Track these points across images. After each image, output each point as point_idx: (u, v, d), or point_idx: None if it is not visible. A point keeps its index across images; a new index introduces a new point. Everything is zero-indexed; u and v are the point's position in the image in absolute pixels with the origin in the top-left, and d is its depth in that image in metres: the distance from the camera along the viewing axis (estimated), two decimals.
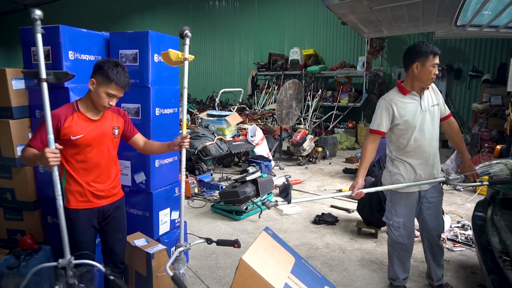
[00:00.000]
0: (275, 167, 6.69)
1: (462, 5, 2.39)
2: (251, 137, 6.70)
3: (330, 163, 7.26)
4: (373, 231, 3.84)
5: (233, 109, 8.76)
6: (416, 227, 2.71)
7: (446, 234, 3.71)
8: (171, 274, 1.78)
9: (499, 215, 2.78)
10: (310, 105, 9.60)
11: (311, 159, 7.23)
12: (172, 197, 2.95)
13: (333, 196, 3.52)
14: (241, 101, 9.73)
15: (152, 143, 2.32)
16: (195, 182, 5.26)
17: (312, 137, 7.18)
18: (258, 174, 4.72)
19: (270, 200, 4.68)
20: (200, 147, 5.85)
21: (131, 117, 2.56)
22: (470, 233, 3.72)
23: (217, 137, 6.14)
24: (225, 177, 5.88)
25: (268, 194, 4.72)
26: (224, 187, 5.11)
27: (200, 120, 7.34)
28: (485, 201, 3.08)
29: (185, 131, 2.16)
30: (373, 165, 5.28)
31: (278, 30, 11.77)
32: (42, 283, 2.47)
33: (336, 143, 8.07)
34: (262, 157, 6.19)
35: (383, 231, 3.82)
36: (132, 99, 2.64)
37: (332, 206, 4.74)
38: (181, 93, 2.63)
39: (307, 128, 8.70)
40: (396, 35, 8.71)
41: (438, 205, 2.63)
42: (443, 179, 2.54)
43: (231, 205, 4.39)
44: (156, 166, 2.76)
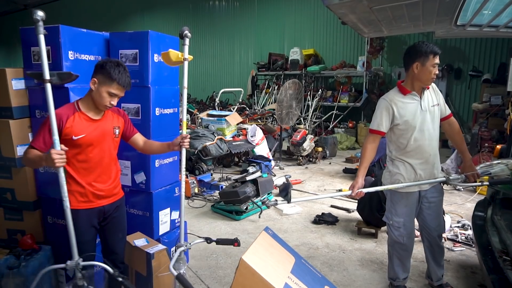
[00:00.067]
0: (275, 167, 6.69)
1: (462, 5, 2.39)
2: (251, 137, 6.70)
3: (330, 163, 7.26)
4: (373, 231, 3.84)
5: (233, 109, 8.76)
6: (416, 227, 2.71)
7: (446, 234, 3.71)
8: (176, 273, 1.78)
9: (499, 215, 2.78)
10: (310, 105, 9.60)
11: (311, 159, 7.23)
12: (172, 197, 2.95)
13: (333, 195, 3.52)
14: (241, 101, 9.73)
15: (152, 143, 2.33)
16: (195, 182, 5.26)
17: (312, 137, 7.18)
18: (258, 174, 4.72)
19: (270, 199, 4.67)
20: (200, 147, 5.86)
21: (131, 117, 2.57)
22: (470, 233, 3.72)
23: (217, 137, 6.14)
24: (225, 177, 5.88)
25: (268, 194, 4.72)
26: (224, 187, 5.11)
27: (200, 120, 7.34)
28: (485, 201, 3.08)
29: (185, 131, 2.17)
30: (373, 165, 5.28)
31: (278, 30, 11.77)
32: (42, 283, 2.47)
33: (336, 143, 8.07)
34: (262, 157, 6.19)
35: (383, 231, 3.81)
36: (132, 99, 2.64)
37: (332, 206, 4.74)
38: (181, 93, 2.63)
39: (307, 128, 8.70)
40: (396, 35, 8.71)
41: (438, 205, 2.63)
42: (444, 179, 2.53)
43: (231, 205, 4.39)
44: (156, 166, 2.76)
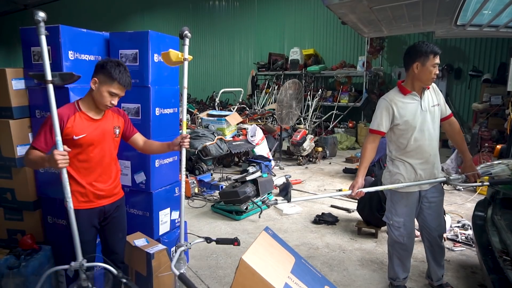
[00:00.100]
0: (275, 167, 6.69)
1: (462, 5, 2.39)
2: (251, 137, 6.70)
3: (330, 163, 7.26)
4: (373, 231, 3.84)
5: (233, 109, 8.76)
6: (416, 227, 2.71)
7: (446, 234, 3.71)
8: (178, 273, 1.78)
9: (499, 215, 2.78)
10: (310, 105, 9.60)
11: (311, 159, 7.23)
12: (172, 197, 2.95)
13: (333, 195, 3.52)
14: (241, 101, 9.73)
15: (151, 143, 2.33)
16: (195, 182, 5.26)
17: (312, 137, 7.18)
18: (258, 174, 4.71)
19: (270, 199, 4.67)
20: (200, 147, 5.85)
21: (131, 117, 2.57)
22: (470, 232, 3.72)
23: (217, 137, 6.14)
24: (225, 177, 5.88)
25: (268, 194, 4.72)
26: (224, 187, 5.11)
27: (200, 120, 7.34)
28: (485, 200, 3.07)
29: (185, 131, 2.18)
30: (373, 165, 5.28)
31: (278, 30, 11.77)
32: (42, 283, 2.47)
33: (336, 143, 8.07)
34: (262, 157, 6.19)
35: (383, 231, 3.81)
36: (132, 99, 2.63)
37: (332, 206, 4.74)
38: (181, 93, 2.63)
39: (307, 128, 8.70)
40: (396, 35, 8.71)
41: (439, 205, 2.62)
42: (444, 179, 2.53)
43: (231, 205, 4.39)
44: (156, 166, 2.76)
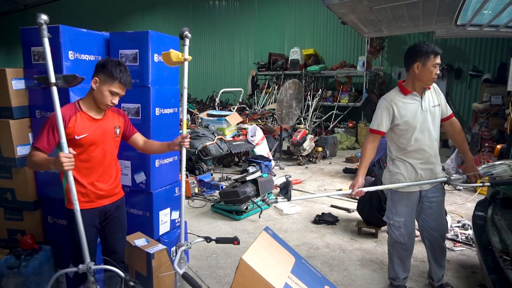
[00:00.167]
0: (275, 167, 6.69)
1: (462, 5, 2.39)
2: (251, 137, 6.70)
3: (330, 163, 7.26)
4: (373, 231, 3.84)
5: (233, 109, 8.76)
6: (416, 227, 2.71)
7: (446, 234, 3.71)
8: (181, 272, 1.78)
9: (500, 215, 2.78)
10: (310, 105, 9.59)
11: (311, 159, 7.23)
12: (172, 197, 2.95)
13: (334, 194, 3.52)
14: (241, 101, 9.73)
15: (152, 143, 2.34)
16: (195, 182, 5.26)
17: (312, 137, 7.18)
18: (258, 174, 4.71)
19: (270, 198, 4.68)
20: (200, 147, 5.85)
21: (131, 117, 2.58)
22: (470, 232, 3.72)
23: (217, 137, 6.14)
24: (225, 177, 5.87)
25: (268, 194, 4.72)
26: (224, 187, 5.11)
27: (200, 120, 7.34)
28: (485, 200, 3.07)
29: (185, 131, 2.18)
30: (373, 164, 5.28)
31: (278, 29, 11.77)
32: (42, 283, 2.47)
33: (336, 143, 8.07)
34: (262, 157, 6.19)
35: (383, 231, 3.81)
36: (132, 99, 2.63)
37: (332, 206, 4.74)
38: (181, 93, 2.63)
39: (307, 128, 8.70)
40: (396, 35, 8.71)
41: (440, 205, 2.61)
42: (445, 179, 2.52)
43: (231, 205, 4.39)
44: (156, 166, 2.76)
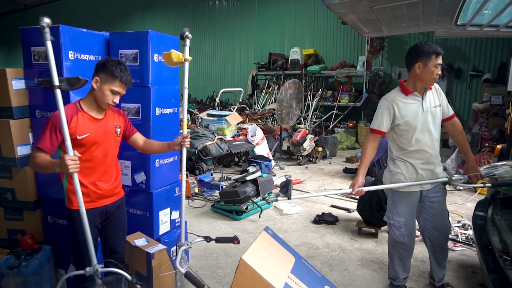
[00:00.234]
0: (275, 167, 6.69)
1: (462, 5, 2.39)
2: (251, 137, 6.70)
3: (330, 163, 7.26)
4: (373, 231, 3.84)
5: (233, 109, 8.76)
6: (416, 227, 2.70)
7: None
8: (184, 271, 1.78)
9: (500, 215, 2.77)
10: (310, 104, 9.59)
11: (311, 159, 7.23)
12: (172, 197, 2.95)
13: (334, 193, 3.53)
14: (241, 100, 9.73)
15: (152, 142, 2.34)
16: (195, 182, 5.26)
17: (312, 136, 7.18)
18: (258, 174, 4.71)
19: (270, 198, 4.68)
20: (200, 147, 5.85)
21: (131, 117, 2.58)
22: (470, 232, 3.72)
23: (217, 137, 6.14)
24: (225, 177, 5.87)
25: (268, 193, 4.72)
26: (224, 187, 5.11)
27: (200, 120, 7.34)
28: (485, 200, 3.07)
29: (186, 131, 2.18)
30: (372, 164, 5.27)
31: (278, 29, 11.77)
32: (42, 283, 2.47)
33: (336, 142, 8.07)
34: (262, 157, 6.19)
35: (383, 231, 3.81)
36: (132, 99, 2.63)
37: (332, 205, 4.74)
38: (181, 93, 2.63)
39: (307, 127, 8.70)
40: (396, 35, 8.71)
41: (441, 205, 2.60)
42: (446, 179, 2.51)
43: (231, 205, 4.39)
44: (156, 166, 2.76)
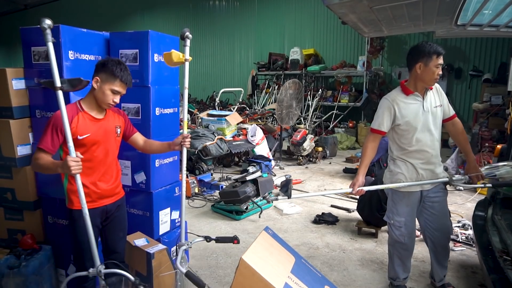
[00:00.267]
0: (275, 167, 6.69)
1: (462, 5, 2.40)
2: (251, 136, 6.70)
3: (330, 163, 7.26)
4: (373, 231, 3.84)
5: (233, 108, 8.76)
6: (417, 227, 2.70)
7: None
8: (185, 271, 1.78)
9: (500, 215, 2.78)
10: (310, 104, 9.59)
11: (311, 159, 7.23)
12: (172, 197, 2.95)
13: (334, 192, 3.53)
14: (241, 100, 9.72)
15: (152, 142, 2.34)
16: (195, 182, 5.26)
17: (312, 136, 7.18)
18: (258, 174, 4.71)
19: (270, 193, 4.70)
20: (200, 147, 5.85)
21: (131, 117, 2.58)
22: (470, 232, 3.72)
23: (217, 137, 6.14)
24: (225, 177, 5.87)
25: (268, 193, 4.72)
26: (224, 187, 5.11)
27: (200, 120, 7.34)
28: (485, 200, 3.07)
29: (186, 131, 2.19)
30: (372, 164, 5.27)
31: (278, 29, 11.77)
32: (42, 283, 2.47)
33: (336, 142, 8.07)
34: (262, 157, 6.19)
35: (383, 231, 3.82)
36: (132, 99, 2.63)
37: (332, 205, 4.74)
38: (181, 93, 2.63)
39: (307, 127, 8.70)
40: (396, 35, 8.71)
41: (442, 205, 2.59)
42: (447, 179, 2.51)
43: (231, 205, 4.39)
44: (156, 166, 2.76)
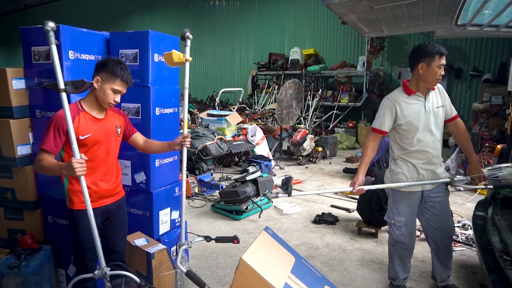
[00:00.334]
0: (275, 167, 6.68)
1: (462, 5, 2.40)
2: (251, 136, 6.70)
3: (330, 163, 7.26)
4: (373, 231, 3.84)
5: (233, 108, 8.76)
6: (418, 227, 2.70)
7: None
8: (185, 270, 1.78)
9: (500, 215, 2.77)
10: (310, 104, 9.59)
11: (311, 159, 7.23)
12: (172, 196, 2.95)
13: (334, 191, 3.53)
14: (241, 100, 9.72)
15: (152, 142, 2.34)
16: (195, 181, 5.26)
17: (312, 136, 7.18)
18: (258, 173, 4.71)
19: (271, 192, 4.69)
20: (200, 146, 5.85)
21: (131, 117, 2.58)
22: (470, 232, 3.72)
23: (217, 137, 6.14)
24: (225, 177, 5.87)
25: (268, 192, 4.72)
26: (224, 186, 5.11)
27: (200, 119, 7.34)
28: (485, 200, 3.07)
29: (186, 131, 2.18)
30: (372, 164, 5.27)
31: (278, 29, 11.77)
32: (42, 283, 2.47)
33: (336, 142, 8.07)
34: (262, 157, 6.19)
35: (383, 231, 3.82)
36: (132, 98, 2.63)
37: (332, 205, 4.74)
38: (181, 93, 2.62)
39: (307, 127, 8.70)
40: (396, 35, 8.71)
41: (443, 205, 2.58)
42: (448, 180, 2.50)
43: (231, 205, 4.39)
44: (156, 165, 2.76)
